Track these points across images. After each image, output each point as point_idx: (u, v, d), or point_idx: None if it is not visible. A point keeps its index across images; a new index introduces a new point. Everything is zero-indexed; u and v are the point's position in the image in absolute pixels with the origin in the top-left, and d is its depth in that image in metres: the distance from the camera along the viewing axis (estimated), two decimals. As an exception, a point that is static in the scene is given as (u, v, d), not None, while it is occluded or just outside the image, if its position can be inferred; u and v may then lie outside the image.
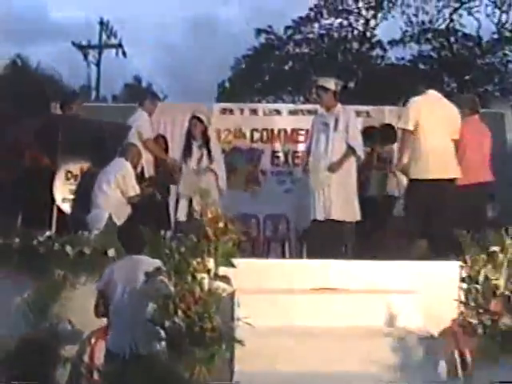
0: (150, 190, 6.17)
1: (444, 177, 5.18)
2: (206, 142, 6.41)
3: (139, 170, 6.25)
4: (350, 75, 19.18)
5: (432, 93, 5.41)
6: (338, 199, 5.64)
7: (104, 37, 21.34)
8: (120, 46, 21.32)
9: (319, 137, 5.88)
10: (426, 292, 4.34)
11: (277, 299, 4.32)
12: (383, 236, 5.98)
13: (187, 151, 6.38)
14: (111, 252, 4.52)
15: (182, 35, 45.19)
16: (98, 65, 21.22)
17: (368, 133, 6.58)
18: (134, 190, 5.84)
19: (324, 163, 5.70)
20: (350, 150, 5.77)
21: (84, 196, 5.82)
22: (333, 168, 5.67)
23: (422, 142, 5.22)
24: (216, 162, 6.36)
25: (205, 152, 6.34)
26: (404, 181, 5.85)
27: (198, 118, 6.42)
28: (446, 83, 19.24)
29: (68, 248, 4.63)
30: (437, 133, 5.23)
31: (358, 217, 5.70)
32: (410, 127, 5.24)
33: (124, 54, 21.40)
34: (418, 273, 4.57)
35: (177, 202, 6.30)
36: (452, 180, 5.23)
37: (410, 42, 19.74)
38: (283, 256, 7.09)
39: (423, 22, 19.73)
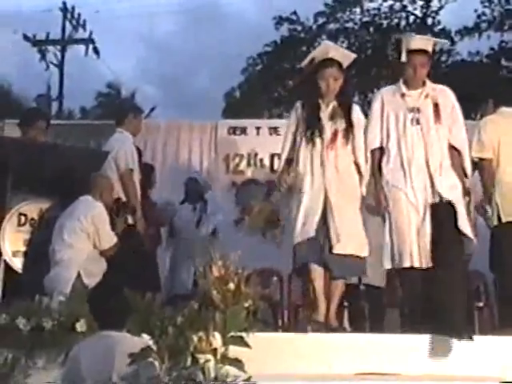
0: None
1: None
2: (348, 108, 5.22)
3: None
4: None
5: (506, 110, 5.56)
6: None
7: (69, 28, 21.77)
8: (91, 41, 21.72)
9: (403, 134, 5.01)
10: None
11: (309, 389, 4.32)
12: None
13: (312, 128, 5.12)
14: (80, 325, 4.56)
15: (174, 27, 46.01)
16: (60, 66, 21.58)
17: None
18: (110, 239, 5.90)
19: (422, 185, 4.94)
20: (461, 161, 5.07)
21: (43, 248, 5.88)
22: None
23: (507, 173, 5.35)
24: (358, 147, 5.17)
25: (341, 127, 5.14)
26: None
27: (338, 64, 5.20)
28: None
29: (21, 320, 4.67)
30: None
31: None
32: (488, 155, 5.38)
33: (96, 52, 21.83)
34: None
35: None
36: None
37: (488, 30, 19.77)
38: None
39: (508, 0, 19.70)
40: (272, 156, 8.34)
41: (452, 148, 5.05)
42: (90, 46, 21.66)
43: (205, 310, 3.90)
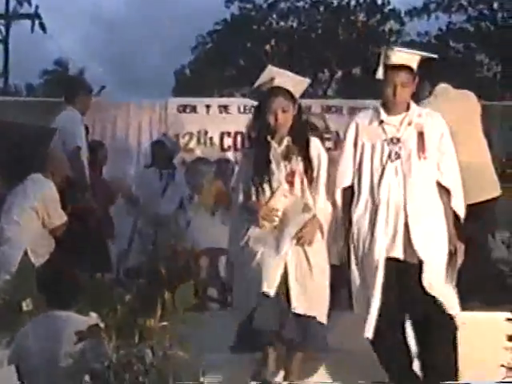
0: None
1: (478, 199, 5.03)
2: (306, 141, 4.45)
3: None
4: (355, 58, 19.47)
5: (441, 88, 5.25)
6: None
7: (13, 3, 21.38)
8: (37, 16, 21.33)
9: (378, 170, 4.24)
10: None
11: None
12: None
13: (261, 173, 4.37)
14: (26, 304, 4.53)
15: (123, 4, 45.51)
16: (5, 42, 21.22)
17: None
18: (61, 217, 5.86)
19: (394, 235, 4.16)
20: (448, 203, 4.27)
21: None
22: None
23: None
24: (321, 182, 4.42)
25: (299, 164, 4.37)
26: None
27: (288, 92, 4.42)
28: (487, 66, 19.58)
29: (-36, 300, 4.63)
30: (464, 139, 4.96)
31: None
32: None
33: (43, 28, 21.42)
34: None
35: None
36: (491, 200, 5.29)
37: (436, 11, 20.05)
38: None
39: (455, -18, 19.99)
40: (222, 134, 8.40)
41: (442, 187, 4.27)
42: (36, 22, 21.27)
43: (154, 287, 3.91)
